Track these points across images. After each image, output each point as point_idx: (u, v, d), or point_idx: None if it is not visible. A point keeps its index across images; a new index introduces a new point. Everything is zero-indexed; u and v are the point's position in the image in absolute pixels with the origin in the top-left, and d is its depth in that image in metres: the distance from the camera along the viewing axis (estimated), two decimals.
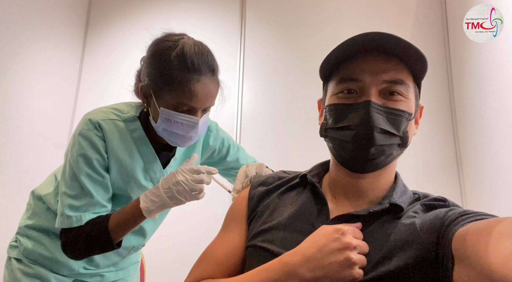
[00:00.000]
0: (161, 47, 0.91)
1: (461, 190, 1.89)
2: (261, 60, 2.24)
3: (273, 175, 0.77)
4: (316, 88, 2.27)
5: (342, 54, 0.62)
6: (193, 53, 0.88)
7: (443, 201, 0.61)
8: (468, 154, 1.85)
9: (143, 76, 0.94)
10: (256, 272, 0.57)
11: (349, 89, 0.61)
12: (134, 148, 0.97)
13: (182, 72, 0.87)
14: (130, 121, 0.98)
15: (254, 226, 0.67)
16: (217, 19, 2.35)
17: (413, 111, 0.62)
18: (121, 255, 1.10)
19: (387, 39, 0.58)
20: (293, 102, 2.16)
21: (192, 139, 0.95)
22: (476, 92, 1.80)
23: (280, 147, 2.09)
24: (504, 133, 1.56)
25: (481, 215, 0.51)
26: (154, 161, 1.01)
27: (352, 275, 0.51)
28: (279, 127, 2.14)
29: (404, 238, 0.55)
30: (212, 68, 0.92)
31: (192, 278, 0.67)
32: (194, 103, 0.89)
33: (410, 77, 0.62)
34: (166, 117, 0.90)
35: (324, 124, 0.65)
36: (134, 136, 0.98)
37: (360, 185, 0.64)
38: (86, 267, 1.05)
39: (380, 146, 0.59)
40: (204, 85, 0.89)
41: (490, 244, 0.40)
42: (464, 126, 1.91)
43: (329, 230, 0.55)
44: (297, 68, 2.19)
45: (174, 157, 1.06)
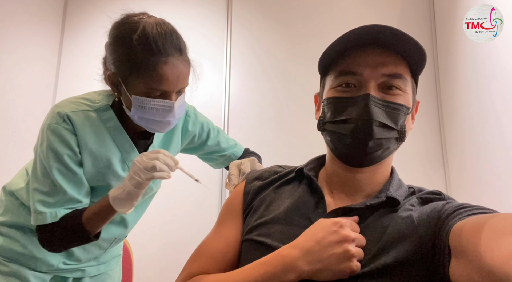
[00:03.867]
0: (121, 31, 0.86)
1: (445, 178, 2.00)
2: (248, 50, 2.25)
3: (268, 169, 0.77)
4: (305, 78, 2.29)
5: (340, 47, 0.62)
6: (156, 34, 0.83)
7: (438, 195, 0.62)
8: (453, 144, 1.96)
9: (109, 64, 0.90)
10: (253, 266, 0.57)
11: (347, 83, 0.61)
12: (109, 138, 0.94)
13: (147, 56, 0.83)
14: (102, 110, 0.94)
15: (250, 220, 0.68)
16: (203, 7, 2.33)
17: (411, 105, 0.63)
18: (102, 248, 1.08)
19: (386, 33, 0.59)
20: (281, 93, 2.18)
21: (171, 124, 0.93)
22: (462, 84, 1.89)
23: (268, 139, 2.12)
24: (487, 124, 1.64)
25: (478, 208, 0.51)
26: (131, 151, 0.98)
27: (351, 267, 0.52)
28: (267, 119, 2.16)
29: (401, 231, 0.56)
30: (179, 48, 0.88)
31: (187, 273, 0.67)
32: (166, 87, 0.86)
33: (408, 71, 0.63)
34: (140, 104, 0.87)
35: (322, 118, 0.65)
36: (108, 126, 0.95)
37: (356, 179, 0.64)
38: (66, 262, 1.02)
39: (378, 139, 0.59)
40: (173, 66, 0.85)
41: (491, 240, 0.40)
42: (450, 117, 2.02)
43: (327, 223, 0.56)
44: (285, 57, 2.21)
45: (152, 144, 1.03)
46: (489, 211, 0.51)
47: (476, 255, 0.41)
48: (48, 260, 0.98)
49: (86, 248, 1.03)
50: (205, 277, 0.63)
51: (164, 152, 0.89)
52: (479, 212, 0.50)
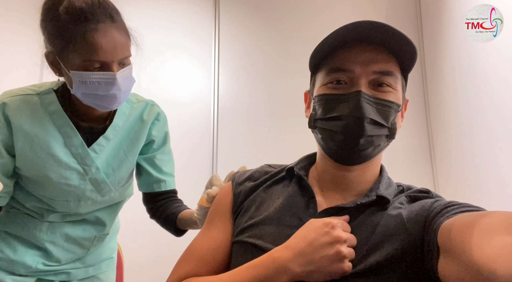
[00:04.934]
0: (49, 5, 0.82)
1: (433, 174, 2.08)
2: (237, 47, 2.24)
3: (259, 169, 0.76)
4: (294, 75, 2.29)
5: (332, 44, 0.62)
6: (82, 2, 0.80)
7: (426, 193, 0.63)
8: (440, 141, 2.07)
9: (45, 43, 0.87)
10: (245, 269, 0.57)
11: (338, 80, 0.61)
12: (49, 122, 0.91)
13: (75, 25, 0.79)
14: (44, 94, 0.92)
15: (240, 221, 0.67)
16: (190, 2, 2.31)
17: (401, 103, 0.63)
18: (84, 247, 1.04)
19: (379, 29, 0.59)
20: (272, 91, 2.18)
21: (118, 98, 0.88)
22: (448, 81, 1.98)
23: (259, 137, 2.12)
24: (474, 121, 1.73)
25: (465, 206, 0.52)
26: (73, 135, 0.93)
27: (343, 268, 0.52)
28: (258, 117, 2.16)
29: (391, 229, 0.56)
30: (110, 15, 0.83)
31: (176, 276, 0.65)
32: (102, 57, 0.81)
33: (398, 69, 0.63)
34: (80, 80, 0.83)
35: (313, 115, 0.65)
36: (50, 109, 0.92)
37: (347, 177, 0.64)
38: (46, 263, 0.98)
39: (369, 136, 0.59)
40: (105, 34, 0.81)
41: (480, 239, 0.40)
42: (437, 114, 2.12)
43: (319, 224, 0.56)
44: (275, 54, 2.22)
45: (105, 135, 0.97)
46: (477, 209, 0.51)
47: (465, 253, 0.41)
48: (25, 261, 0.95)
49: (66, 247, 0.99)
50: (195, 279, 0.62)
51: None
52: (467, 210, 0.50)
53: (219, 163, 2.08)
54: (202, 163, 2.09)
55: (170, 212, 1.06)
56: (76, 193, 0.95)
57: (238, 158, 2.10)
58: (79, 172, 0.94)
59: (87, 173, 0.95)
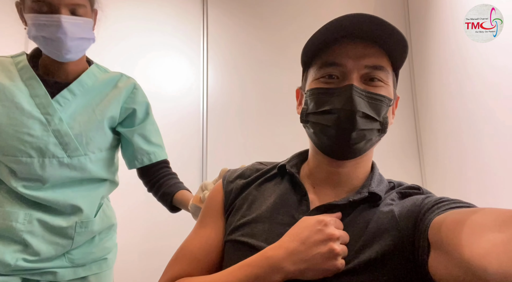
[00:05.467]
0: None
1: (420, 169, 2.14)
2: (226, 41, 2.23)
3: (250, 167, 0.76)
4: (284, 69, 2.29)
5: (323, 39, 0.62)
6: None
7: (417, 189, 0.63)
8: (428, 136, 2.14)
9: None
10: (238, 268, 0.56)
11: (330, 75, 0.61)
12: (18, 77, 0.98)
13: None
14: (17, 56, 1.02)
15: (233, 220, 0.66)
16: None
17: (393, 98, 0.63)
18: (67, 236, 0.99)
19: (372, 23, 0.58)
20: (261, 86, 2.17)
21: (64, 43, 0.93)
22: (436, 78, 2.04)
23: (248, 134, 2.11)
24: (460, 116, 1.81)
25: (456, 202, 0.51)
26: (37, 87, 0.98)
27: (336, 265, 0.52)
28: (248, 113, 2.15)
29: (383, 226, 0.56)
30: None
31: (168, 276, 0.65)
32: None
33: (389, 64, 0.63)
34: (31, 22, 0.91)
35: (305, 110, 0.65)
36: (19, 66, 1.00)
37: (339, 174, 0.64)
38: (27, 258, 0.94)
39: (361, 130, 0.59)
40: None
41: (471, 236, 0.40)
42: (424, 110, 2.18)
43: (311, 221, 0.56)
44: (263, 48, 2.22)
45: (70, 88, 1.01)
46: (468, 205, 0.51)
47: (456, 250, 0.41)
48: (3, 258, 0.91)
49: (47, 238, 0.96)
50: (189, 280, 0.62)
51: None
52: (457, 206, 0.50)
53: (209, 159, 2.07)
54: (192, 158, 2.07)
55: (166, 192, 1.11)
56: (39, 145, 0.95)
57: (228, 153, 2.09)
58: (41, 121, 0.96)
59: (49, 123, 0.97)
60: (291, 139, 2.04)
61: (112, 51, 2.05)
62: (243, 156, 2.07)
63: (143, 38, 2.12)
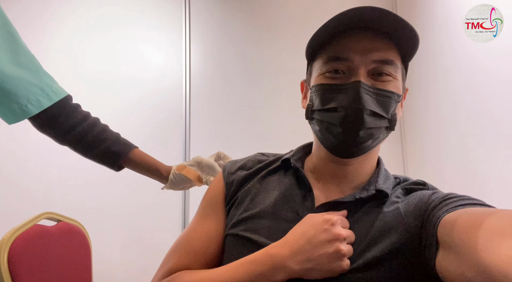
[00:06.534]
0: None
1: (403, 156, 2.18)
2: (209, 23, 2.13)
3: (251, 158, 0.74)
4: (270, 50, 2.23)
5: (329, 31, 0.59)
6: None
7: (422, 185, 0.62)
8: (410, 118, 2.18)
9: None
10: (240, 264, 0.55)
11: (337, 70, 0.59)
12: None
13: None
14: None
15: (235, 214, 0.65)
16: None
17: (401, 92, 0.61)
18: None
19: (379, 16, 0.56)
20: (245, 68, 2.09)
21: None
22: (420, 68, 2.06)
23: (232, 117, 2.03)
24: (442, 105, 1.87)
25: (464, 199, 0.50)
26: None
27: (341, 266, 0.51)
28: (232, 93, 2.07)
29: (389, 223, 0.55)
30: None
31: (167, 268, 0.63)
32: None
33: (398, 57, 0.60)
34: None
35: (310, 106, 0.62)
36: None
37: (344, 170, 0.63)
38: None
39: (369, 128, 0.57)
40: None
41: (489, 241, 0.39)
42: (408, 102, 2.17)
43: (318, 220, 0.54)
44: (248, 28, 2.12)
45: None
46: (477, 203, 0.49)
47: (471, 253, 0.40)
48: None
49: None
50: (188, 273, 0.61)
51: None
52: (467, 203, 0.49)
53: (191, 142, 1.99)
54: (174, 141, 1.99)
55: (112, 150, 0.87)
56: None
57: (211, 136, 2.01)
58: None
59: None
60: (276, 124, 1.93)
61: (87, 29, 1.98)
62: (226, 140, 1.99)
63: (122, 17, 2.02)
